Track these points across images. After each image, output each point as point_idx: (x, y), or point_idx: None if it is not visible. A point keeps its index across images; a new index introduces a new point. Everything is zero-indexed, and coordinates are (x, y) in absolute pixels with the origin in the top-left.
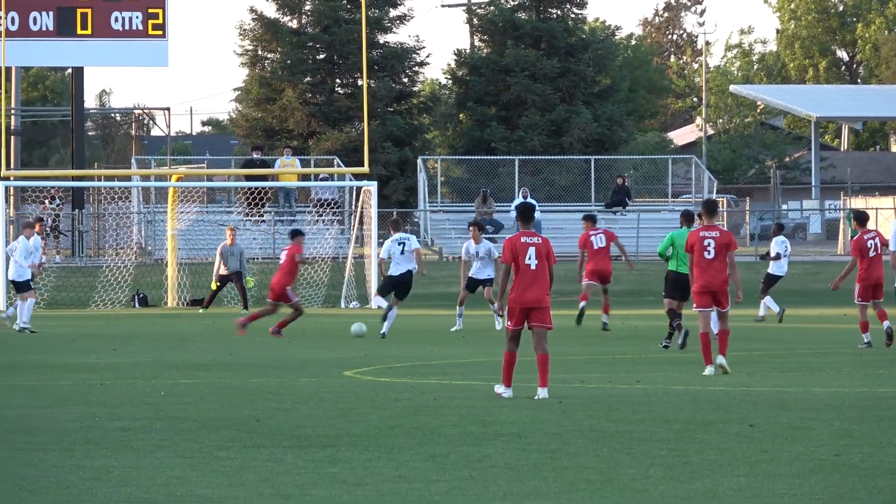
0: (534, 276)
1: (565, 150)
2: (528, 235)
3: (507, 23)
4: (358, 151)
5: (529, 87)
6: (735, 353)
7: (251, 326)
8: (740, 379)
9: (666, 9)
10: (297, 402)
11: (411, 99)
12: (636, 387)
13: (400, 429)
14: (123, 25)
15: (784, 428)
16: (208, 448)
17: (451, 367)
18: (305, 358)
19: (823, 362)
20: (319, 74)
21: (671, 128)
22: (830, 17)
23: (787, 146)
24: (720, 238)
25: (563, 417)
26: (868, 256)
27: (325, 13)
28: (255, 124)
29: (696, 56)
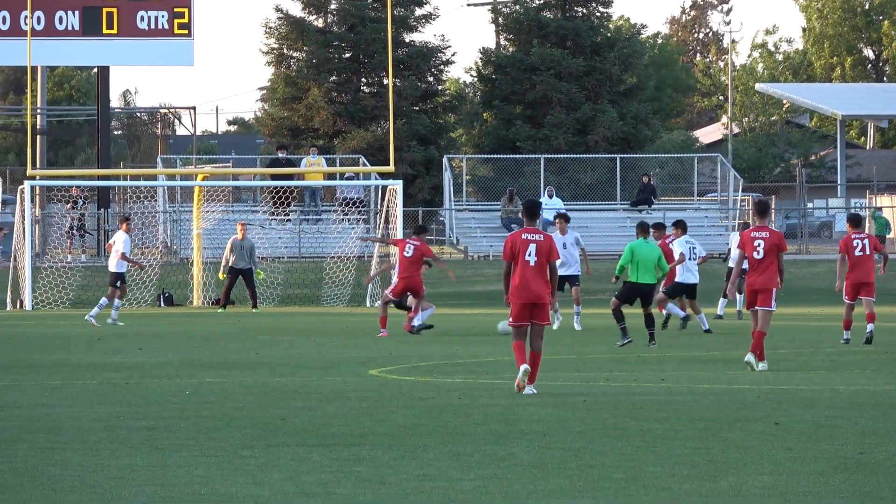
0: (534, 273)
1: (591, 149)
2: (529, 232)
3: (533, 22)
4: (383, 150)
5: (555, 86)
6: None
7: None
8: (765, 377)
9: (692, 7)
10: (321, 400)
11: (437, 98)
12: (661, 385)
13: (424, 427)
14: (149, 25)
15: (809, 426)
16: (233, 447)
17: (475, 365)
18: (330, 357)
19: (848, 360)
20: (345, 73)
21: (697, 126)
22: (857, 15)
23: (813, 144)
24: (770, 238)
25: (587, 416)
26: (854, 256)
27: (351, 12)
28: (280, 123)
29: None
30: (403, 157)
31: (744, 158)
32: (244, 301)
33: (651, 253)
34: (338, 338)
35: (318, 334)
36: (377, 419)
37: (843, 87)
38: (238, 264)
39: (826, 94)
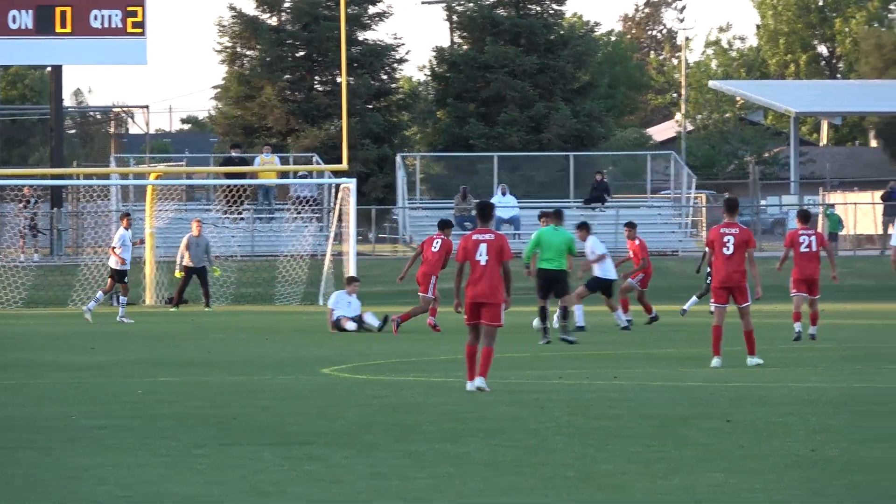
0: (483, 272)
1: (544, 147)
2: (481, 233)
3: (487, 19)
4: (337, 149)
5: (509, 84)
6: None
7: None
8: (718, 374)
9: (646, 5)
10: (274, 399)
11: (390, 96)
12: (613, 383)
13: (377, 426)
14: (103, 24)
15: (761, 423)
16: (186, 446)
17: (428, 364)
18: (283, 356)
19: (800, 357)
20: (299, 72)
21: (650, 124)
22: (811, 12)
23: (767, 141)
24: (740, 235)
25: (540, 414)
26: (800, 252)
27: (305, 10)
28: (234, 122)
29: (676, 52)
30: (357, 156)
31: (697, 156)
32: (197, 300)
33: (558, 239)
34: (291, 336)
35: (271, 333)
36: (330, 418)
37: (796, 84)
38: (193, 262)
39: (780, 91)
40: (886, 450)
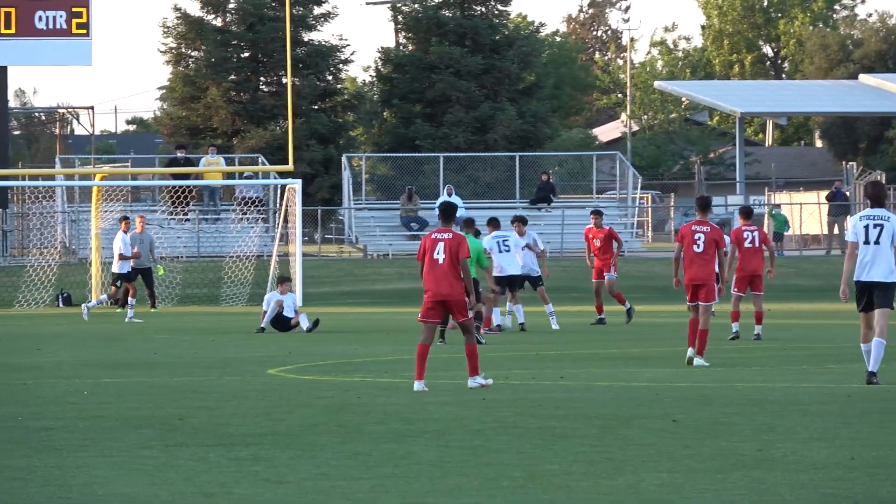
0: (442, 271)
1: (490, 147)
2: (440, 232)
3: (432, 20)
4: (282, 149)
5: (454, 85)
6: (659, 349)
7: None
8: (663, 374)
9: (591, 5)
10: (220, 400)
11: (336, 97)
12: (559, 383)
13: (323, 426)
14: (47, 24)
15: (707, 423)
16: (131, 447)
17: (374, 364)
18: (229, 356)
19: (746, 357)
20: (244, 72)
21: (596, 124)
22: (755, 12)
23: (712, 142)
24: (710, 233)
25: (485, 414)
26: (745, 248)
27: (250, 11)
28: (179, 123)
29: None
30: (302, 157)
31: (643, 156)
32: (142, 301)
33: (471, 247)
34: (237, 337)
35: (217, 334)
36: (276, 418)
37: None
38: (139, 262)
39: (725, 92)
40: (832, 449)
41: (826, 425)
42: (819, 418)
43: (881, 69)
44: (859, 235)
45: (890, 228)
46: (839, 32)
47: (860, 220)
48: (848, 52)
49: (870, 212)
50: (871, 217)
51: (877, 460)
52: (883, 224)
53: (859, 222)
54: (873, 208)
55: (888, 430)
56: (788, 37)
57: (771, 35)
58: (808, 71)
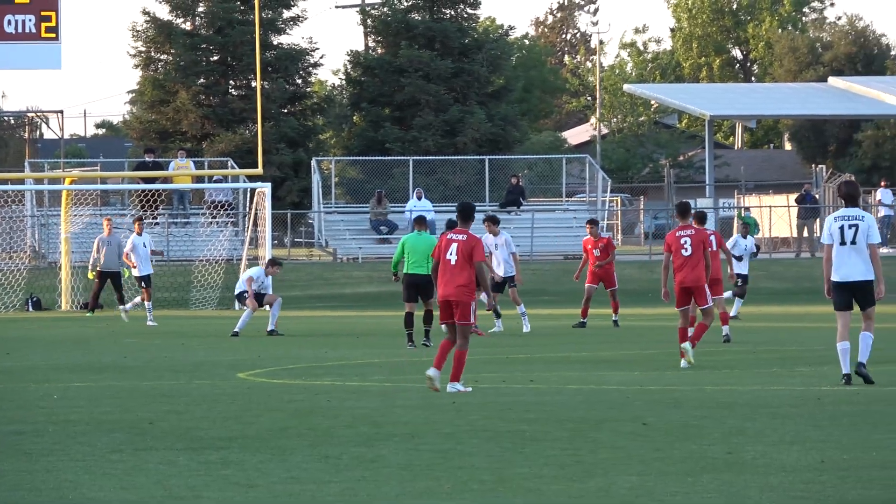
0: (452, 272)
1: (459, 151)
2: (455, 233)
3: (401, 23)
4: (252, 153)
5: (423, 88)
6: (629, 352)
7: None
8: (633, 377)
9: (559, 8)
10: (190, 404)
11: (305, 100)
12: (529, 386)
13: (293, 430)
14: (16, 28)
15: (677, 426)
16: (101, 451)
17: (344, 368)
18: (199, 360)
19: (716, 360)
20: (213, 76)
21: (565, 127)
22: (724, 15)
23: (681, 145)
24: (696, 236)
25: (456, 417)
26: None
27: (219, 15)
28: (148, 126)
29: (590, 55)
30: (272, 160)
31: (612, 159)
32: (112, 304)
33: (423, 245)
34: (207, 341)
35: (186, 337)
36: (245, 422)
37: (711, 88)
38: (107, 266)
39: (694, 95)
40: (802, 452)
41: (796, 428)
42: (789, 421)
43: (850, 72)
44: (835, 237)
45: (865, 227)
46: (808, 35)
47: (835, 221)
48: (817, 55)
49: (844, 212)
50: (845, 217)
51: (847, 463)
52: (858, 224)
53: (834, 223)
54: (847, 208)
55: (858, 432)
56: (757, 40)
57: (740, 38)
58: (777, 74)
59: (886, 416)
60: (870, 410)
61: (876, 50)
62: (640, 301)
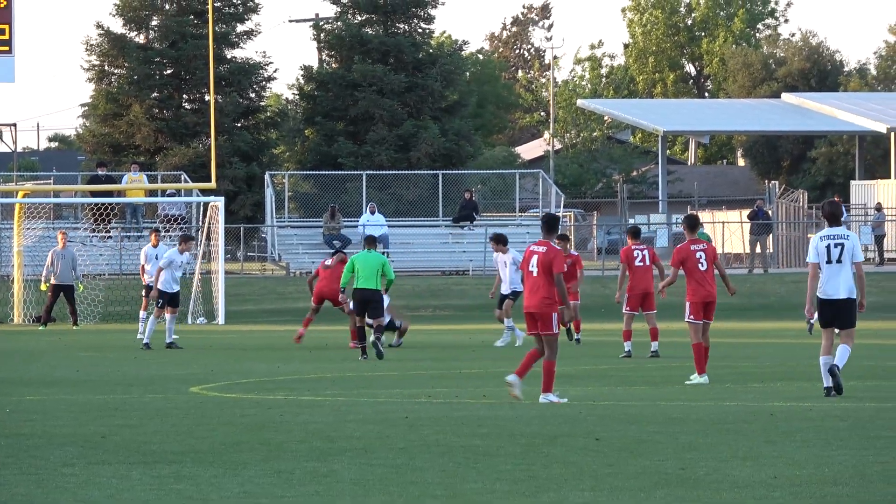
0: (535, 284)
1: (413, 165)
2: (538, 245)
3: (355, 38)
4: (205, 167)
5: (377, 102)
6: (582, 367)
7: None
8: (587, 392)
9: (514, 23)
10: (142, 418)
11: (259, 114)
12: (483, 401)
13: (246, 444)
14: None
15: (630, 442)
16: (53, 464)
17: (297, 382)
18: (152, 374)
19: (669, 375)
20: (167, 90)
21: (519, 142)
22: (679, 31)
23: (635, 160)
24: (709, 250)
25: (409, 432)
26: (634, 266)
27: (173, 28)
28: (101, 140)
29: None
30: (225, 174)
31: (566, 174)
32: (65, 318)
33: (373, 262)
34: (159, 355)
35: (139, 351)
36: (198, 436)
37: (664, 103)
38: (60, 279)
39: (647, 110)
40: (754, 468)
41: (749, 444)
42: (742, 437)
43: (804, 88)
44: (821, 255)
45: (850, 246)
46: (762, 51)
47: (821, 241)
48: (771, 71)
49: (829, 231)
50: (831, 237)
51: (800, 479)
52: (843, 243)
53: (820, 242)
54: (831, 227)
55: (811, 449)
56: (711, 56)
57: (694, 54)
58: (731, 90)
59: (840, 432)
60: (823, 426)
61: (829, 66)
62: (593, 316)
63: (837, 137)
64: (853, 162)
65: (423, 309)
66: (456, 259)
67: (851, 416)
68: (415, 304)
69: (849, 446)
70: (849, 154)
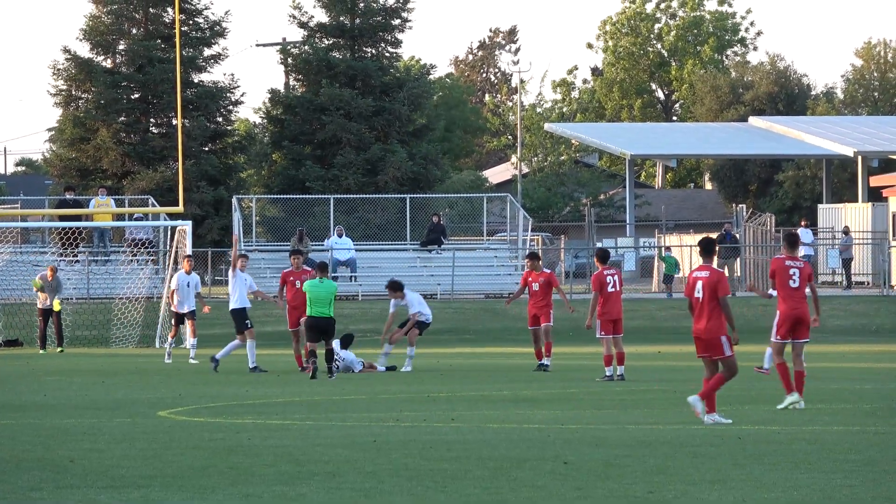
0: (701, 309)
1: (380, 189)
2: (700, 270)
3: (322, 62)
4: (172, 191)
5: (344, 126)
6: (550, 391)
7: None
8: (554, 415)
9: (480, 47)
10: (110, 442)
11: (226, 138)
12: (451, 425)
13: (213, 469)
14: None
15: (598, 465)
16: (21, 489)
17: (265, 406)
18: (120, 398)
19: (638, 399)
20: (134, 114)
21: (486, 166)
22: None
23: (602, 184)
24: (804, 269)
25: (377, 456)
26: (607, 291)
27: (140, 53)
28: (69, 164)
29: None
30: (192, 198)
31: (533, 198)
32: (31, 342)
33: (325, 291)
34: (127, 378)
35: (107, 375)
36: (166, 461)
37: (631, 127)
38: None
39: (615, 134)
40: (722, 491)
41: (717, 467)
42: (710, 460)
43: (772, 111)
44: None
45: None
46: (730, 75)
47: None
48: (738, 95)
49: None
50: None
51: (767, 502)
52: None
53: None
54: None
55: (779, 471)
56: (680, 82)
57: (663, 79)
58: (698, 113)
59: (807, 455)
60: (791, 449)
61: (797, 90)
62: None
63: (805, 161)
64: (820, 185)
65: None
66: (424, 283)
67: (819, 440)
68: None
69: (817, 469)
70: (816, 178)
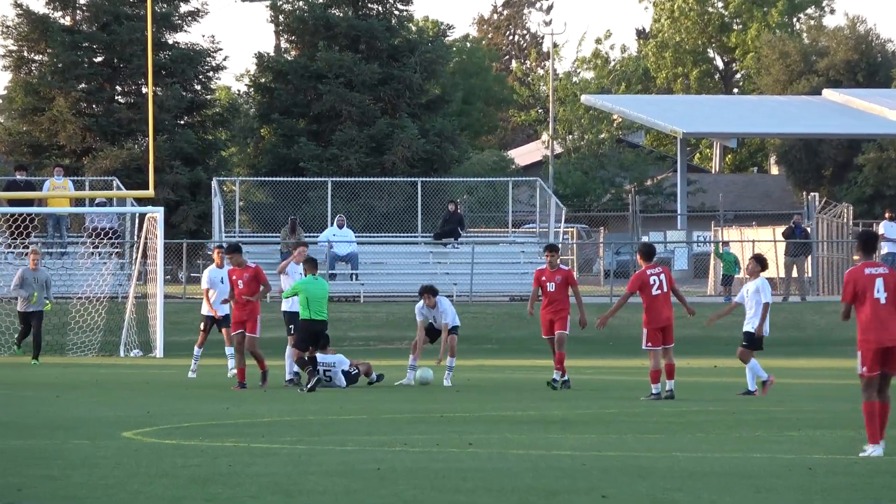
0: (887, 313)
1: (387, 171)
2: (872, 266)
3: (319, 21)
4: (141, 172)
5: (345, 97)
6: (585, 411)
7: None
8: (590, 440)
9: (506, 5)
10: (66, 468)
11: (205, 110)
12: (468, 450)
13: (188, 500)
14: None
15: (642, 499)
16: None
17: (249, 427)
18: (78, 416)
19: (689, 422)
20: (96, 80)
21: (513, 145)
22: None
23: (649, 167)
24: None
25: (380, 487)
26: (651, 294)
27: (104, 8)
28: (19, 139)
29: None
30: (165, 180)
31: (567, 183)
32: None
33: (321, 291)
34: (87, 393)
35: (63, 389)
36: (132, 490)
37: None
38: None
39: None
40: None
41: (781, 500)
42: (774, 495)
43: (850, 83)
44: None
45: None
46: (801, 41)
47: None
48: (811, 63)
49: None
50: None
51: None
52: None
53: None
54: None
55: None
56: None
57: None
58: (763, 85)
59: (891, 490)
60: (871, 484)
61: (880, 57)
62: (597, 352)
63: (889, 141)
64: None
65: (397, 341)
66: (437, 282)
67: None
68: (388, 335)
69: None
70: None
